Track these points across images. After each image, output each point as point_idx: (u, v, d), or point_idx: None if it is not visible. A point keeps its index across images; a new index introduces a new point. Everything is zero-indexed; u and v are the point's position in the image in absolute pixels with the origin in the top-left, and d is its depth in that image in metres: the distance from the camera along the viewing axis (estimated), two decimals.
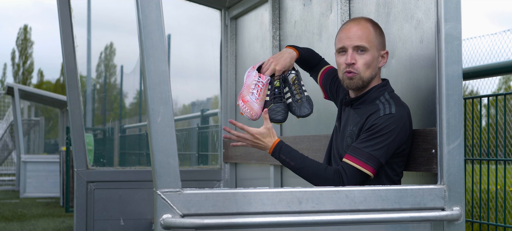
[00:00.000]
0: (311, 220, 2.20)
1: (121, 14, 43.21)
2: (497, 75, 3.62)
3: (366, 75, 2.63)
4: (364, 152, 2.51)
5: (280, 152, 2.64)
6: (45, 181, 12.42)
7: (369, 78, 2.64)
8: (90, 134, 12.29)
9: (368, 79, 2.64)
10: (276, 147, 2.64)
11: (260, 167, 4.28)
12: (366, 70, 2.62)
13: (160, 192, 2.10)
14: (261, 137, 2.66)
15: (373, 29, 2.65)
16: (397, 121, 2.53)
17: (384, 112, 2.55)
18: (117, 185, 4.34)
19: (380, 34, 2.67)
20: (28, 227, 8.13)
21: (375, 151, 2.50)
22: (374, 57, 2.63)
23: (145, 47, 2.10)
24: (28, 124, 17.50)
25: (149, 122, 2.09)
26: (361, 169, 2.50)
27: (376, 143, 2.51)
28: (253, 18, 4.39)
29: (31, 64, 42.24)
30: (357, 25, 2.64)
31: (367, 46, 2.61)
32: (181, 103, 20.75)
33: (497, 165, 3.22)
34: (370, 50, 2.62)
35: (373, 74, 2.65)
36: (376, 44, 2.64)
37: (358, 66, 2.62)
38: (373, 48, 2.63)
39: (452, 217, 2.29)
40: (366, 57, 2.62)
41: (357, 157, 2.52)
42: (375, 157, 2.50)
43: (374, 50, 2.63)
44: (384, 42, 2.69)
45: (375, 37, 2.64)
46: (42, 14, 68.73)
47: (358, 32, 2.62)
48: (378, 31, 2.67)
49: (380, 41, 2.66)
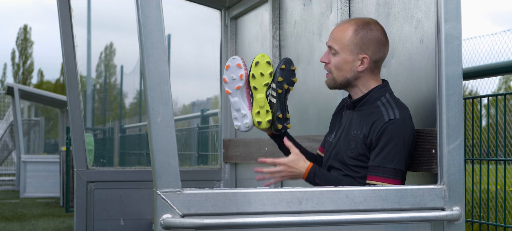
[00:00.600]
0: (311, 220, 2.20)
1: (121, 14, 43.22)
2: (497, 75, 3.62)
3: (338, 77, 2.65)
4: (387, 168, 2.49)
5: (315, 176, 2.62)
6: (45, 181, 12.42)
7: (343, 80, 2.65)
8: (90, 134, 12.28)
9: (342, 82, 2.66)
10: (311, 171, 2.63)
11: (260, 167, 4.27)
12: (338, 72, 2.65)
13: (160, 192, 2.10)
14: (294, 164, 2.65)
15: (353, 33, 2.61)
16: (404, 126, 2.52)
17: (388, 117, 2.54)
18: (117, 185, 4.34)
19: (362, 38, 2.61)
20: (28, 227, 8.13)
21: (397, 164, 2.50)
22: (346, 60, 2.63)
23: (145, 47, 2.10)
24: (28, 124, 17.50)
25: (149, 122, 2.09)
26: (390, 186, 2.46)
27: (394, 154, 2.49)
28: (253, 18, 4.39)
29: (31, 64, 42.27)
30: (339, 27, 2.67)
31: (336, 48, 2.63)
32: (181, 103, 20.75)
33: (497, 165, 3.22)
34: (340, 53, 2.63)
35: (347, 77, 2.64)
36: (351, 47, 2.61)
37: (330, 66, 2.67)
38: (345, 51, 2.62)
39: (452, 217, 2.29)
40: (336, 59, 2.65)
41: (383, 176, 2.50)
42: (399, 169, 2.50)
43: (347, 53, 2.62)
44: (366, 46, 2.61)
45: (352, 40, 2.61)
46: (42, 14, 68.76)
47: (334, 34, 2.66)
48: (361, 34, 2.61)
49: (359, 44, 2.61)
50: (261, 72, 2.70)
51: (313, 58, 3.66)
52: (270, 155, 3.95)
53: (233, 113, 2.75)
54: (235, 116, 2.74)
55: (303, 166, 2.64)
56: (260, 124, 2.71)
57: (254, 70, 2.70)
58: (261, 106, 2.70)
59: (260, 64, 2.70)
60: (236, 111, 2.73)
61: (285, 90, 2.73)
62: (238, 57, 2.76)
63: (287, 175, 2.66)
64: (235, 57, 2.75)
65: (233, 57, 2.75)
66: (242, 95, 2.73)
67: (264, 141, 4.00)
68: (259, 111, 2.70)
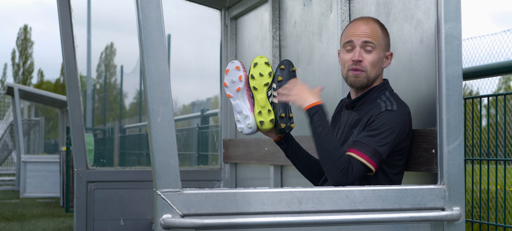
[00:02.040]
0: (311, 220, 2.20)
1: (121, 14, 43.22)
2: (497, 75, 3.62)
3: (372, 74, 2.63)
4: (370, 146, 2.49)
5: (317, 112, 2.55)
6: (45, 181, 12.42)
7: (374, 77, 2.65)
8: (90, 134, 12.29)
9: (373, 79, 2.65)
10: (316, 106, 2.56)
11: (260, 167, 4.27)
12: (372, 69, 2.63)
13: (160, 192, 2.10)
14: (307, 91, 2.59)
15: (381, 30, 2.66)
16: (398, 118, 2.53)
17: (386, 108, 2.55)
18: (117, 185, 4.34)
19: (386, 35, 2.69)
20: (28, 227, 8.12)
21: (380, 147, 2.49)
22: (380, 57, 2.64)
23: (145, 47, 2.10)
24: (28, 124, 17.49)
25: (149, 122, 2.09)
26: (366, 163, 2.48)
27: (380, 139, 2.50)
28: (253, 18, 4.39)
29: (31, 64, 42.25)
30: (366, 24, 2.65)
31: (375, 44, 2.62)
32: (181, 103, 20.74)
33: (497, 165, 3.22)
34: (377, 49, 2.63)
35: (377, 74, 2.65)
36: (382, 44, 2.65)
37: (365, 64, 2.62)
38: (379, 47, 2.64)
39: (452, 217, 2.30)
40: (373, 55, 2.62)
41: (363, 151, 2.49)
42: (379, 153, 2.49)
43: (381, 50, 2.64)
44: (389, 44, 2.70)
45: (382, 37, 2.65)
46: (42, 14, 68.77)
47: (367, 30, 2.63)
48: (385, 32, 2.68)
49: (386, 42, 2.68)
50: (260, 73, 2.70)
51: (313, 58, 3.66)
52: (270, 155, 3.95)
53: (235, 116, 2.75)
54: (237, 118, 2.74)
55: (313, 98, 2.57)
56: (262, 123, 2.70)
57: (253, 71, 2.71)
58: (262, 106, 2.70)
59: (258, 65, 2.70)
60: (238, 114, 2.73)
61: None
62: (237, 60, 2.76)
63: (296, 93, 2.59)
64: (234, 61, 2.75)
65: (232, 61, 2.75)
66: (243, 98, 2.72)
67: (264, 141, 4.00)
68: (260, 112, 2.69)
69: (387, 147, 2.51)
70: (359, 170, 2.49)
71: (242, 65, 2.73)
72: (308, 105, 2.57)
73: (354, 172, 2.48)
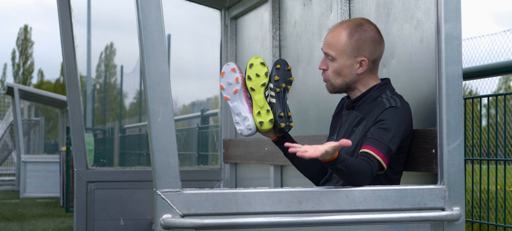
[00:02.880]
0: (311, 220, 2.20)
1: (121, 14, 43.20)
2: (497, 75, 3.62)
3: (337, 82, 2.65)
4: (385, 144, 2.46)
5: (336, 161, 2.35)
6: (45, 181, 12.42)
7: (342, 84, 2.66)
8: (90, 134, 12.29)
9: (341, 86, 2.66)
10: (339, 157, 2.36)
11: (260, 167, 4.28)
12: (336, 78, 2.65)
13: (160, 192, 2.10)
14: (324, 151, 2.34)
15: (348, 36, 2.61)
16: (403, 115, 2.53)
17: (390, 104, 2.55)
18: (117, 185, 4.34)
19: (357, 41, 2.61)
20: (28, 227, 8.13)
21: (392, 145, 2.48)
22: (345, 65, 2.62)
23: (145, 47, 2.10)
24: (28, 124, 17.50)
25: (149, 122, 2.09)
26: (381, 161, 2.45)
27: (392, 137, 2.48)
28: (253, 18, 4.39)
29: (31, 64, 42.26)
30: (332, 32, 2.66)
31: (333, 55, 2.63)
32: (181, 103, 20.73)
33: (497, 165, 3.22)
34: (338, 59, 2.63)
35: (346, 81, 2.64)
36: (348, 52, 2.61)
37: (328, 73, 2.67)
38: (342, 56, 2.62)
39: (452, 217, 2.30)
40: (334, 65, 2.64)
41: (380, 149, 2.46)
42: (391, 151, 2.48)
43: (344, 58, 2.62)
44: (363, 48, 2.61)
45: (347, 44, 2.61)
46: (42, 14, 68.79)
47: (328, 39, 2.65)
48: (356, 37, 2.61)
49: (356, 47, 2.61)
50: (257, 73, 2.70)
51: (313, 58, 3.66)
52: (270, 155, 3.95)
53: (234, 118, 2.74)
54: (236, 120, 2.73)
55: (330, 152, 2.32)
56: (262, 124, 2.70)
57: (249, 72, 2.70)
58: (260, 106, 2.70)
59: (254, 65, 2.70)
60: (237, 115, 2.72)
61: (283, 89, 2.72)
62: (232, 62, 2.76)
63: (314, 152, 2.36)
64: (229, 63, 2.75)
65: (227, 63, 2.75)
66: (241, 99, 2.72)
67: (264, 141, 4.00)
68: (259, 112, 2.69)
69: (396, 145, 2.50)
70: (377, 167, 2.45)
71: (238, 66, 2.73)
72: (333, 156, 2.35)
73: (374, 169, 2.42)
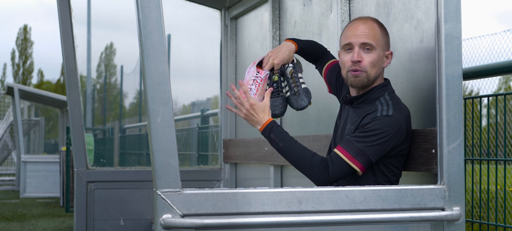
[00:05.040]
0: (311, 220, 2.20)
1: (121, 14, 43.22)
2: (497, 75, 3.62)
3: (372, 74, 2.63)
4: (355, 146, 2.51)
5: (271, 131, 2.62)
6: (45, 181, 12.41)
7: (375, 77, 2.64)
8: (90, 134, 12.28)
9: (374, 78, 2.64)
10: (268, 125, 2.63)
11: (260, 167, 4.28)
12: (372, 69, 2.62)
13: (160, 192, 2.10)
14: (257, 109, 2.65)
15: (379, 29, 2.66)
16: (393, 123, 2.52)
17: (381, 113, 2.55)
18: (117, 185, 4.34)
19: (386, 35, 2.68)
20: (28, 227, 8.12)
21: (366, 148, 2.50)
22: (380, 56, 2.64)
23: (145, 47, 2.10)
24: (28, 124, 17.49)
25: (149, 122, 2.09)
26: (349, 162, 2.51)
27: (369, 140, 2.51)
28: (253, 18, 4.39)
29: (31, 64, 42.24)
30: (365, 24, 2.64)
31: (374, 44, 2.61)
32: (181, 103, 20.74)
33: (497, 165, 3.22)
34: (377, 49, 2.62)
35: (378, 73, 2.65)
36: (382, 44, 2.64)
37: (365, 64, 2.62)
38: (379, 47, 2.63)
39: (452, 217, 2.29)
40: (372, 55, 2.62)
41: (347, 149, 2.52)
42: (365, 154, 2.50)
43: (380, 49, 2.64)
44: (388, 43, 2.70)
45: (381, 36, 2.64)
46: (42, 14, 68.77)
47: (365, 30, 2.62)
48: (384, 31, 2.67)
49: (386, 41, 2.67)
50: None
51: None
52: (270, 155, 3.95)
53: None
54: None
55: (263, 117, 2.64)
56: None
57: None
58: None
59: None
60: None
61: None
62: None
63: (246, 116, 2.67)
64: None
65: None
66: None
67: (264, 141, 4.00)
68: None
69: (375, 149, 2.51)
70: (341, 168, 2.51)
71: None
72: (262, 126, 2.63)
73: (335, 168, 2.50)
